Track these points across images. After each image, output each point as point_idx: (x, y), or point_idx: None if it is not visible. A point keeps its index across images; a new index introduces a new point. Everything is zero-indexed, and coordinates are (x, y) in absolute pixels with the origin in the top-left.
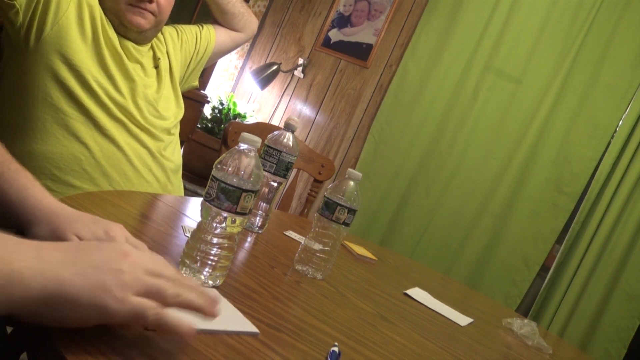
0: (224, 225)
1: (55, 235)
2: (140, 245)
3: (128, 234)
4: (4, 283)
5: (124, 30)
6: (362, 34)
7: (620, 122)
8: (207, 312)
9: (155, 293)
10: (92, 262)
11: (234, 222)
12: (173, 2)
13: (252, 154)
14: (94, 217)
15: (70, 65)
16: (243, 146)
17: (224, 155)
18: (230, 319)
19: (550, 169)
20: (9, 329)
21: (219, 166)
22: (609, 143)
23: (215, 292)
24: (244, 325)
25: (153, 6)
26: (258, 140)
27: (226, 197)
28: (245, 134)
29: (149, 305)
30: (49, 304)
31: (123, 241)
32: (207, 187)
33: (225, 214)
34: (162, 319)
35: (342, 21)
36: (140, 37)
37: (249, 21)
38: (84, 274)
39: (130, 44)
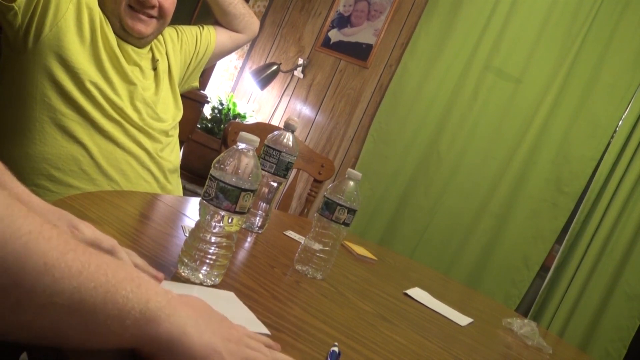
0: (222, 224)
1: None
2: (117, 247)
3: (97, 232)
4: (139, 317)
5: (125, 35)
6: (362, 34)
7: (620, 122)
8: None
9: None
10: (209, 326)
11: (232, 221)
12: (175, 3)
13: (251, 153)
14: (60, 212)
15: (67, 66)
16: (241, 145)
17: (222, 154)
18: (243, 319)
19: (550, 168)
20: None
21: (217, 165)
22: (609, 143)
23: (231, 294)
24: (256, 326)
25: (155, 11)
26: (256, 139)
27: (225, 197)
28: (243, 134)
29: None
30: (169, 350)
31: (92, 233)
32: (205, 186)
33: (223, 213)
34: None
35: (342, 21)
36: (141, 42)
37: (250, 22)
38: (202, 333)
39: (130, 47)
